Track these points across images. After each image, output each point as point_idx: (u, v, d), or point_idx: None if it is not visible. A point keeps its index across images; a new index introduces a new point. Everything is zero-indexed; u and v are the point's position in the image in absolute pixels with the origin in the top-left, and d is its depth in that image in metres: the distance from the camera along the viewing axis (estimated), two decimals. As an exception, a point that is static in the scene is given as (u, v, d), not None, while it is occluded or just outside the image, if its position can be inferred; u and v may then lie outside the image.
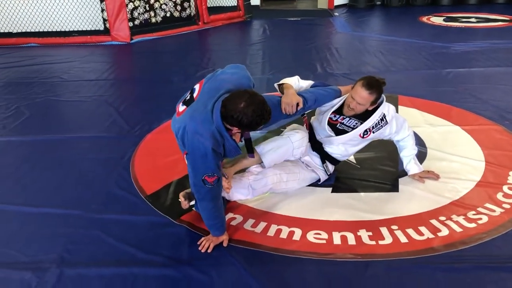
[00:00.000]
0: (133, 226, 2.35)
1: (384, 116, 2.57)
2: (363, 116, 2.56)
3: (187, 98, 2.18)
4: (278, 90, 2.59)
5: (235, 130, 2.05)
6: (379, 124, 2.57)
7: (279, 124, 2.92)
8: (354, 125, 2.59)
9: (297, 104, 2.37)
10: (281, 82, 2.58)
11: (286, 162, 2.61)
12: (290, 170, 2.59)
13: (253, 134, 3.03)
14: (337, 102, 2.60)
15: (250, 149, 2.41)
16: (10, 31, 6.91)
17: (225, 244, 2.18)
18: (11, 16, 6.84)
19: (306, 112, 2.65)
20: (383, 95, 2.55)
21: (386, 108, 2.58)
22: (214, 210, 2.14)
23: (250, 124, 1.97)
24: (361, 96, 2.44)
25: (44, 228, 2.37)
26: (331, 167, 2.74)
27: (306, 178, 2.66)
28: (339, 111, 2.59)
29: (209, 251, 2.13)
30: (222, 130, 2.02)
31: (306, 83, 2.63)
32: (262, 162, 2.50)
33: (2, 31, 6.90)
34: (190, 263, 2.08)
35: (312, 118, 2.78)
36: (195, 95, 2.14)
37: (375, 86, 2.43)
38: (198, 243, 2.18)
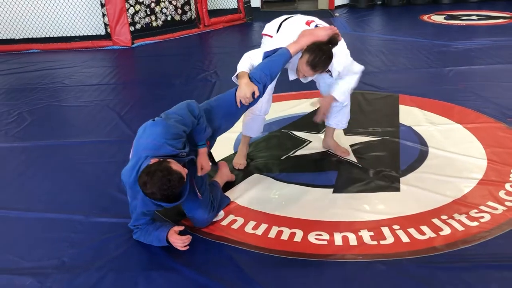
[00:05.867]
0: (134, 230, 2.35)
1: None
2: None
3: None
4: (237, 82, 2.52)
5: None
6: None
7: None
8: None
9: (254, 92, 2.41)
10: (237, 72, 2.52)
11: None
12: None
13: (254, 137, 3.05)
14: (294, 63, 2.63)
15: (213, 162, 2.60)
16: (12, 37, 6.97)
17: (182, 245, 2.17)
18: (13, 22, 6.89)
19: None
20: (334, 52, 2.55)
21: (336, 62, 2.62)
22: (143, 240, 2.24)
23: (166, 200, 1.99)
24: (307, 73, 2.52)
25: (46, 233, 2.38)
26: None
27: None
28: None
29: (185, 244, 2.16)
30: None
31: (259, 57, 2.55)
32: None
33: (4, 37, 6.96)
34: (191, 265, 2.08)
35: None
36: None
37: (319, 65, 2.47)
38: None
